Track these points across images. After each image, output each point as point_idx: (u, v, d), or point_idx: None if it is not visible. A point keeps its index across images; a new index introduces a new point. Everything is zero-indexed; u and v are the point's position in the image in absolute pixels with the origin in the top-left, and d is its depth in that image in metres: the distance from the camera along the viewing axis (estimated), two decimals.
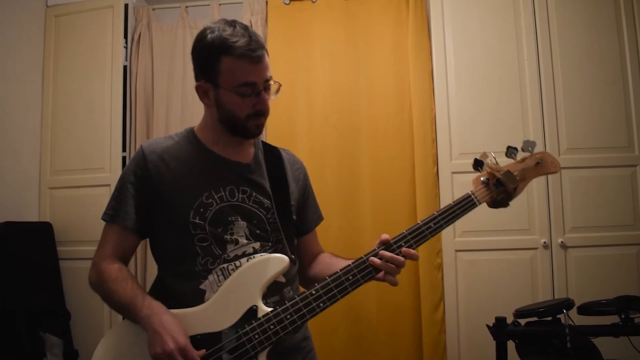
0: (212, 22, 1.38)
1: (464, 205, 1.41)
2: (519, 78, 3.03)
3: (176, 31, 3.36)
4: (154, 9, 3.44)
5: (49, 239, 3.16)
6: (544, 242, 2.89)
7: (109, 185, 3.16)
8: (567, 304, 1.96)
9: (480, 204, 1.42)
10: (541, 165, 1.49)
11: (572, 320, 1.90)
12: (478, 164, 1.46)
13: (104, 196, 3.11)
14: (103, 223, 1.43)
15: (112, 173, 3.19)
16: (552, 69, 3.00)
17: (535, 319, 1.99)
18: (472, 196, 1.42)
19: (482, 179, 1.44)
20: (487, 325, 1.99)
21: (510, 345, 1.96)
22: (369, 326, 3.01)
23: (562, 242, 2.87)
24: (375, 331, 3.01)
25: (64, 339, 3.00)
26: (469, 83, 3.07)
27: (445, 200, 2.96)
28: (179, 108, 3.28)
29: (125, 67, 3.32)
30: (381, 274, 1.33)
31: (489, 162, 1.45)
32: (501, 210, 1.48)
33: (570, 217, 2.91)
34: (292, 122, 3.20)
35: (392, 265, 1.32)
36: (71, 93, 3.33)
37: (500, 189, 1.43)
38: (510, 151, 1.47)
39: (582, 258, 2.87)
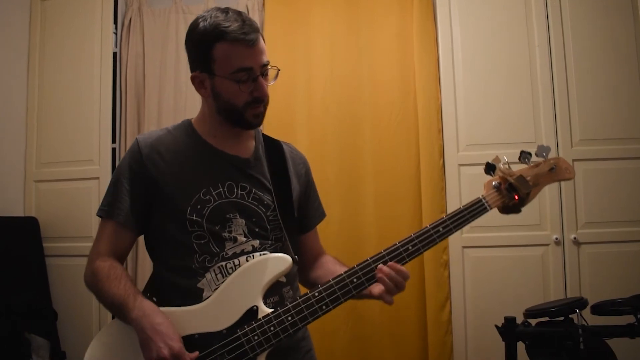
0: (205, 11, 1.37)
1: (474, 209, 1.42)
2: (529, 65, 2.97)
3: (169, 16, 3.30)
4: None
5: (34, 235, 3.11)
6: (556, 238, 2.83)
7: (97, 178, 3.12)
8: (580, 303, 1.92)
9: (491, 208, 1.44)
10: (555, 171, 1.52)
11: (585, 321, 1.85)
12: (490, 168, 1.48)
13: (93, 189, 3.11)
14: (91, 217, 1.38)
15: (101, 165, 3.15)
16: (564, 56, 2.94)
17: (546, 319, 1.95)
18: (483, 200, 1.43)
19: (493, 183, 1.47)
20: (496, 326, 1.94)
21: (520, 346, 1.91)
22: (372, 327, 2.99)
23: (575, 238, 2.82)
24: (378, 332, 2.98)
25: (51, 340, 2.95)
26: (476, 70, 3.01)
27: (452, 194, 2.96)
28: (172, 97, 3.24)
29: (115, 54, 3.28)
30: (378, 290, 1.33)
31: (501, 166, 1.47)
32: None
33: (584, 211, 2.85)
34: (291, 112, 3.16)
35: (397, 277, 1.30)
36: (58, 81, 3.28)
37: (512, 194, 1.45)
38: (524, 156, 1.49)
39: (596, 255, 2.83)
